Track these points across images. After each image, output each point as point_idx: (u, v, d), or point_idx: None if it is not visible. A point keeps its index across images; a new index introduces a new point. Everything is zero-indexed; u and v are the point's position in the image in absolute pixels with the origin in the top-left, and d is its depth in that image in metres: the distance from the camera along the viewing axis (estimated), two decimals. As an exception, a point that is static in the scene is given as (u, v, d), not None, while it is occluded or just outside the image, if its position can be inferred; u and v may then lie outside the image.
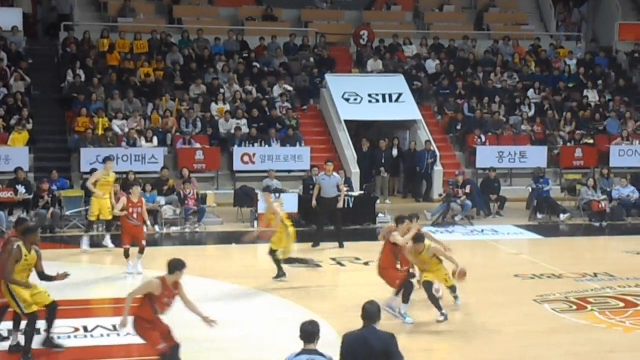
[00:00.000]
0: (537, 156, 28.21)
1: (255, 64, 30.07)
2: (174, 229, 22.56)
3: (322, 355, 8.11)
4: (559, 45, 34.12)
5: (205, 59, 29.75)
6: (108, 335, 13.68)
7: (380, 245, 15.54)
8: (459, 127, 29.36)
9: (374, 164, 27.52)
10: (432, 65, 31.50)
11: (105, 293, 16.24)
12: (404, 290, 14.54)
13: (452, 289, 15.20)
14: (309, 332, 8.21)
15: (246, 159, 26.38)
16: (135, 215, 17.50)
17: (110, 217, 19.99)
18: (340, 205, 20.95)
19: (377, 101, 28.78)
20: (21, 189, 22.60)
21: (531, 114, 30.12)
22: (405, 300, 14.46)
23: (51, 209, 22.00)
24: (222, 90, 28.35)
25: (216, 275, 17.60)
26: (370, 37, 31.92)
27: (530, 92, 31.00)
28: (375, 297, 16.22)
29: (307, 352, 8.10)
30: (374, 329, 8.41)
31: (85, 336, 13.62)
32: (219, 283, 17.05)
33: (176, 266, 11.08)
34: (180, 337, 12.67)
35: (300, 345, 8.25)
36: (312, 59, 30.70)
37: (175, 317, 11.79)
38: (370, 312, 8.44)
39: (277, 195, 23.15)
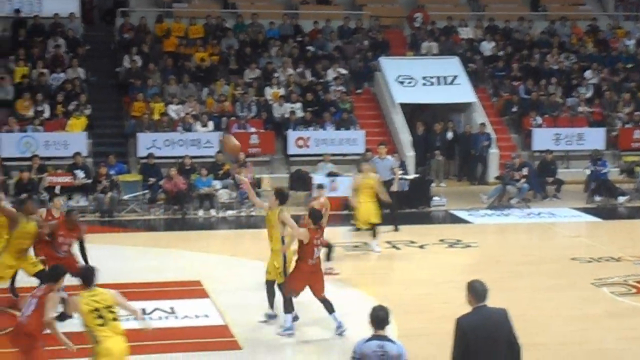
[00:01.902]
0: (594, 138, 27.86)
1: (309, 47, 30.07)
2: (229, 212, 22.73)
3: (392, 341, 8.04)
4: (617, 26, 33.58)
5: (259, 43, 29.84)
6: (166, 317, 13.85)
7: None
8: (514, 109, 29.09)
9: (428, 146, 27.41)
10: (487, 47, 31.22)
11: (162, 276, 16.41)
12: None
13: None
14: (380, 318, 8.09)
15: (300, 142, 26.44)
16: None
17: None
18: (394, 188, 20.91)
19: (432, 84, 28.64)
20: (80, 173, 22.95)
21: (589, 95, 29.73)
22: None
23: (109, 193, 22.29)
24: (276, 74, 28.42)
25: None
26: (425, 20, 31.74)
27: (588, 73, 30.58)
28: (430, 279, 16.31)
29: (378, 338, 8.02)
30: (487, 307, 8.24)
31: (144, 319, 13.77)
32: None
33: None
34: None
35: (358, 328, 8.22)
36: (366, 42, 30.61)
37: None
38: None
39: (333, 179, 23.23)
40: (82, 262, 13.78)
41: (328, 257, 16.52)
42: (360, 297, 14.87)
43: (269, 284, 13.41)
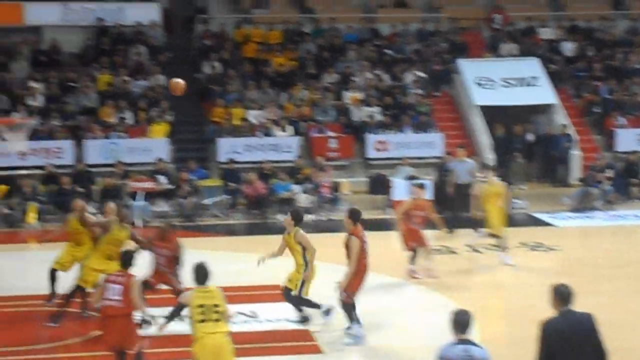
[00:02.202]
0: (680, 138, 27.26)
1: (387, 51, 30.04)
2: (309, 216, 22.81)
3: (477, 345, 7.97)
4: (702, 23, 32.81)
5: (337, 47, 29.92)
6: (247, 321, 13.97)
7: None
8: (596, 110, 28.61)
9: (508, 149, 27.13)
10: (568, 48, 30.78)
11: (243, 280, 16.55)
12: None
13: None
14: (464, 322, 7.97)
15: (379, 146, 26.43)
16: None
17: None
18: (474, 191, 20.73)
19: (511, 85, 28.37)
20: (162, 179, 23.30)
21: (673, 94, 29.10)
22: None
23: (190, 198, 22.58)
24: (354, 78, 28.46)
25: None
26: (504, 21, 31.44)
27: (672, 72, 29.95)
28: (512, 283, 16.12)
29: (463, 342, 7.93)
30: (572, 310, 8.15)
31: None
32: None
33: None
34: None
35: (438, 332, 8.16)
36: (444, 45, 30.46)
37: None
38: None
39: (412, 182, 23.14)
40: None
41: (412, 260, 16.48)
42: (442, 301, 14.78)
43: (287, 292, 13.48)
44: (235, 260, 18.31)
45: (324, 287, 13.41)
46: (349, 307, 12.94)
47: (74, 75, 27.47)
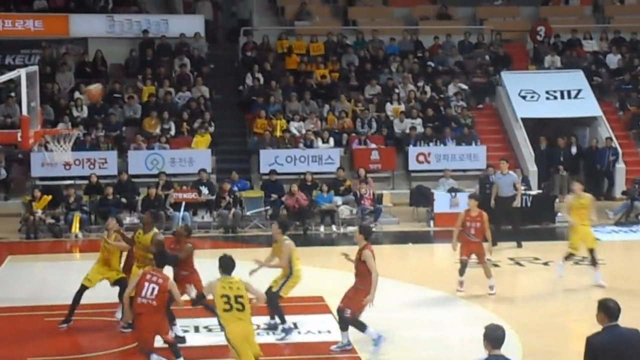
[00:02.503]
0: None
1: (429, 63, 29.98)
2: (350, 228, 22.77)
3: None
4: None
5: (379, 59, 29.92)
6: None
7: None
8: (641, 123, 28.31)
9: (552, 162, 26.91)
10: (613, 60, 30.49)
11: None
12: None
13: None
14: (497, 337, 7.87)
15: (421, 158, 26.34)
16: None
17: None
18: (517, 204, 20.63)
19: (555, 98, 28.16)
20: (204, 189, 23.41)
21: None
22: None
23: (232, 209, 22.67)
24: (396, 90, 28.43)
25: (393, 275, 17.61)
26: (548, 33, 31.22)
27: None
28: (556, 297, 15.95)
29: (495, 358, 7.86)
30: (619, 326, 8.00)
31: (268, 333, 13.97)
32: (396, 283, 17.09)
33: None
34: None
35: (480, 346, 8.06)
36: (487, 57, 30.33)
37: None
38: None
39: (454, 194, 23.06)
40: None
41: (461, 273, 16.39)
42: (484, 315, 14.68)
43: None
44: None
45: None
46: (355, 321, 12.87)
47: (118, 86, 27.74)
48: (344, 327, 12.98)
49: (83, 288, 14.04)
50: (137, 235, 13.95)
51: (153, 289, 11.68)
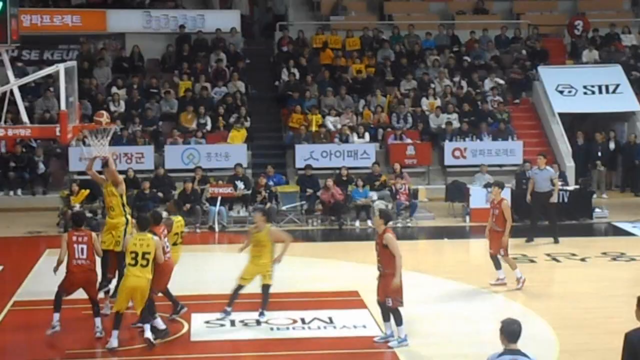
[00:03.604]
0: None
1: (465, 57, 29.85)
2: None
3: (525, 355, 7.83)
4: None
5: (415, 54, 29.84)
6: (324, 327, 14.00)
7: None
8: (681, 118, 28.00)
9: (589, 157, 26.71)
10: (652, 54, 30.20)
11: (321, 286, 16.59)
12: None
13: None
14: (514, 331, 7.86)
15: (457, 153, 26.24)
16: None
17: None
18: (554, 199, 20.50)
19: (593, 93, 27.92)
20: (240, 184, 23.48)
21: None
22: None
23: (268, 204, 22.72)
24: (432, 85, 28.34)
25: (428, 270, 17.63)
26: (585, 27, 30.95)
27: None
28: (593, 293, 15.85)
29: (510, 352, 7.80)
30: None
31: (303, 328, 14.01)
32: (431, 278, 17.08)
33: None
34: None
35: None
36: (524, 51, 30.13)
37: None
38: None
39: (490, 189, 22.93)
40: None
41: (497, 266, 16.33)
42: (521, 311, 14.62)
43: (240, 288, 14.05)
44: (312, 266, 18.38)
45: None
46: (396, 312, 12.86)
47: (155, 81, 27.91)
48: (386, 317, 12.98)
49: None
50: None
51: (82, 249, 12.88)
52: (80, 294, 13.36)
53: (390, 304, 12.77)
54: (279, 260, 14.04)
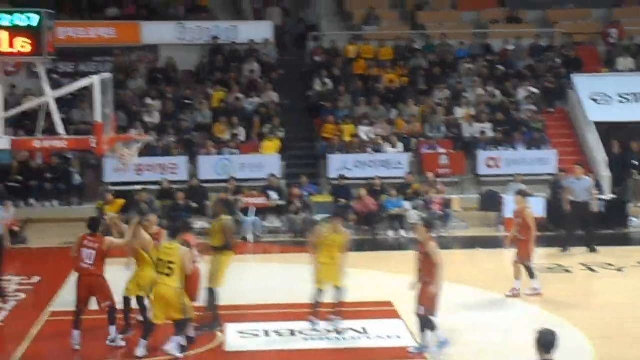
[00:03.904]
0: None
1: (499, 66, 29.74)
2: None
3: None
4: None
5: (448, 63, 29.78)
6: (358, 337, 13.98)
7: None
8: None
9: (625, 166, 26.47)
10: (688, 62, 29.93)
11: (354, 296, 16.55)
12: None
13: None
14: (550, 342, 7.79)
15: (491, 163, 26.14)
16: None
17: None
18: (595, 208, 20.40)
19: (629, 101, 27.72)
20: (273, 194, 23.53)
21: None
22: None
23: (301, 214, 22.74)
24: (465, 94, 28.26)
25: (463, 280, 17.53)
26: (620, 35, 30.75)
27: None
28: (630, 303, 15.70)
29: None
30: None
31: (337, 338, 13.99)
32: (465, 288, 16.99)
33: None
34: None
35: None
36: (558, 60, 29.98)
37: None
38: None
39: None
40: None
41: (531, 275, 16.23)
42: (556, 321, 14.52)
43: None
44: (346, 276, 18.31)
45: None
46: (427, 320, 12.82)
47: (188, 92, 28.08)
48: (421, 327, 12.94)
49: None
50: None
51: (90, 254, 13.09)
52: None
53: (421, 312, 12.75)
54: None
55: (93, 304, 13.44)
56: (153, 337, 12.84)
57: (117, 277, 13.84)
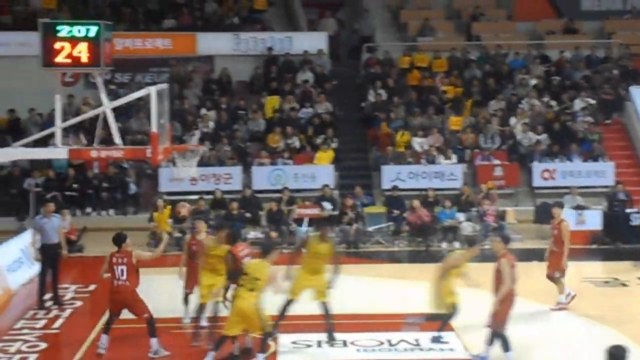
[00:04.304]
0: None
1: (555, 77, 29.45)
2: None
3: None
4: None
5: (504, 74, 29.57)
6: (412, 349, 13.91)
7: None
8: None
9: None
10: None
11: (407, 308, 16.48)
12: None
13: None
14: (617, 357, 7.70)
15: (546, 174, 25.89)
16: None
17: None
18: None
19: (688, 113, 27.30)
20: (327, 205, 23.54)
21: None
22: None
23: (354, 225, 22.72)
24: (521, 105, 28.02)
25: (519, 294, 17.32)
26: (679, 46, 30.30)
27: None
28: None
29: None
30: None
31: (389, 350, 13.94)
32: (522, 301, 16.77)
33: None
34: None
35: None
36: (615, 71, 29.60)
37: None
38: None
39: (580, 212, 22.53)
40: None
41: (560, 289, 16.07)
42: (612, 336, 14.30)
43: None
44: (399, 288, 18.28)
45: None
46: (498, 335, 12.73)
47: (243, 102, 28.24)
48: (488, 340, 12.86)
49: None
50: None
51: (122, 270, 13.23)
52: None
53: (489, 325, 12.69)
54: None
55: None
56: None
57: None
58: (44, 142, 18.73)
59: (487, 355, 12.84)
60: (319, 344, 14.07)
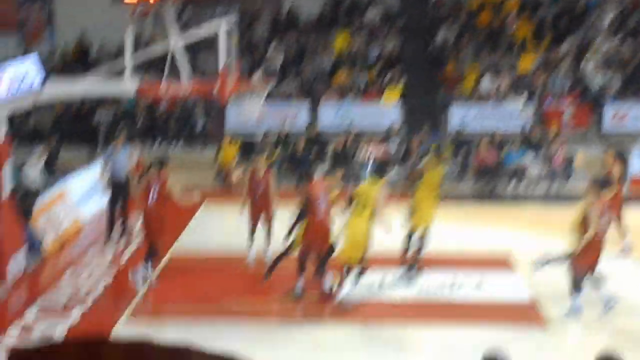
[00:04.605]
0: None
1: (630, 17, 28.69)
2: (539, 186, 22.32)
3: None
4: None
5: (577, 13, 28.91)
6: (475, 290, 13.87)
7: None
8: None
9: None
10: None
11: (472, 249, 16.44)
12: None
13: None
14: None
15: (617, 118, 25.39)
16: None
17: None
18: None
19: None
20: (393, 144, 23.43)
21: None
22: None
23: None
24: (594, 45, 27.40)
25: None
26: None
27: None
28: None
29: None
30: None
31: (452, 290, 13.94)
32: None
33: None
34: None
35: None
36: (694, 11, 28.73)
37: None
38: None
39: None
40: None
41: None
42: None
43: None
44: (465, 229, 18.22)
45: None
46: (576, 279, 12.62)
47: (310, 39, 28.13)
48: (572, 287, 12.74)
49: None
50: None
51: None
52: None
53: (572, 273, 12.65)
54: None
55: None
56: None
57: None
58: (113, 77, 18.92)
59: (580, 304, 12.72)
60: (381, 284, 14.12)
